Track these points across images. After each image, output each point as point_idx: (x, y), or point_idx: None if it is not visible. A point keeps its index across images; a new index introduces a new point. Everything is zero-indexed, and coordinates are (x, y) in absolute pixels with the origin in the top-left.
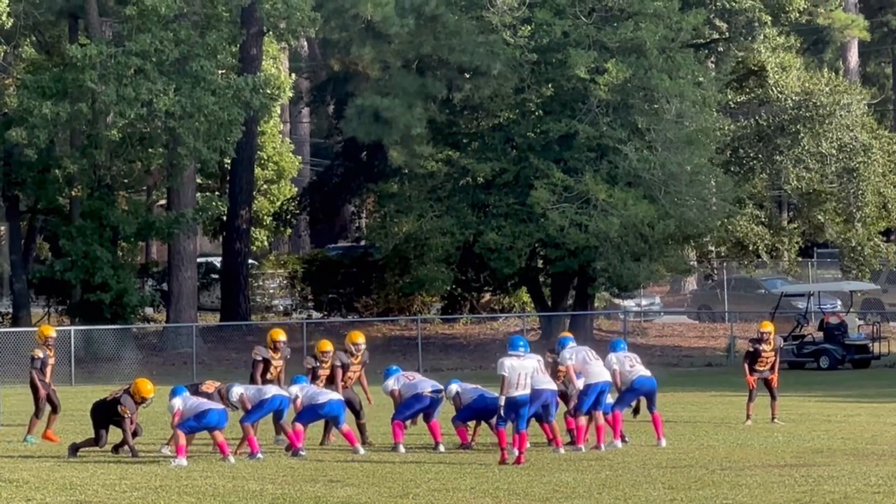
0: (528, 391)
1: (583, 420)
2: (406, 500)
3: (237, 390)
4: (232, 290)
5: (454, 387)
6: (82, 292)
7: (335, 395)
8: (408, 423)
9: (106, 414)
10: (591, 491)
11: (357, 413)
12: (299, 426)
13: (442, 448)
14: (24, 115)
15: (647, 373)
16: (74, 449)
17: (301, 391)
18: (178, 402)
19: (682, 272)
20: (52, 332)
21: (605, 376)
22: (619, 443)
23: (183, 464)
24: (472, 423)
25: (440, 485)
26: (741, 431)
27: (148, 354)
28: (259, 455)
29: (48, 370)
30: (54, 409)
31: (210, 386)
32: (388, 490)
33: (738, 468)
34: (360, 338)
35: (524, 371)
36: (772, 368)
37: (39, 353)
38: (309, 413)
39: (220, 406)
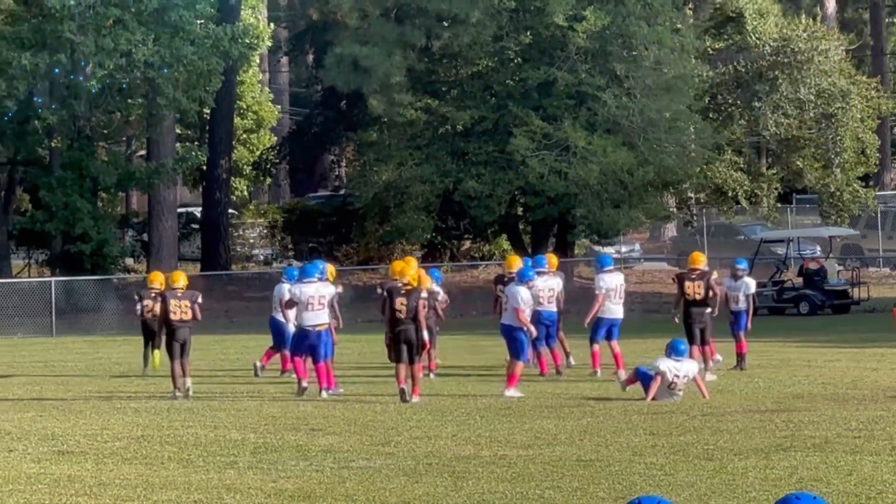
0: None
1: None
2: (388, 447)
3: None
4: (212, 239)
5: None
6: (63, 243)
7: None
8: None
9: None
10: (573, 437)
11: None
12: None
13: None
14: (2, 66)
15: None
16: None
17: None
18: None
19: (661, 219)
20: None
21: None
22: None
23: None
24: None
25: (422, 433)
26: (722, 377)
27: (129, 305)
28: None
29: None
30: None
31: None
32: (370, 438)
33: (719, 414)
34: None
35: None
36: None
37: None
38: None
39: None
